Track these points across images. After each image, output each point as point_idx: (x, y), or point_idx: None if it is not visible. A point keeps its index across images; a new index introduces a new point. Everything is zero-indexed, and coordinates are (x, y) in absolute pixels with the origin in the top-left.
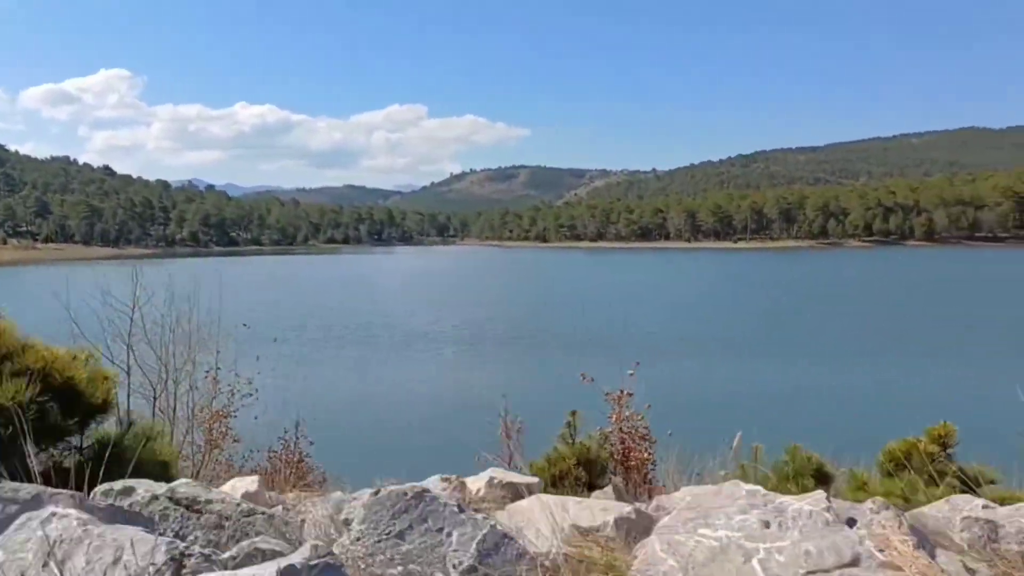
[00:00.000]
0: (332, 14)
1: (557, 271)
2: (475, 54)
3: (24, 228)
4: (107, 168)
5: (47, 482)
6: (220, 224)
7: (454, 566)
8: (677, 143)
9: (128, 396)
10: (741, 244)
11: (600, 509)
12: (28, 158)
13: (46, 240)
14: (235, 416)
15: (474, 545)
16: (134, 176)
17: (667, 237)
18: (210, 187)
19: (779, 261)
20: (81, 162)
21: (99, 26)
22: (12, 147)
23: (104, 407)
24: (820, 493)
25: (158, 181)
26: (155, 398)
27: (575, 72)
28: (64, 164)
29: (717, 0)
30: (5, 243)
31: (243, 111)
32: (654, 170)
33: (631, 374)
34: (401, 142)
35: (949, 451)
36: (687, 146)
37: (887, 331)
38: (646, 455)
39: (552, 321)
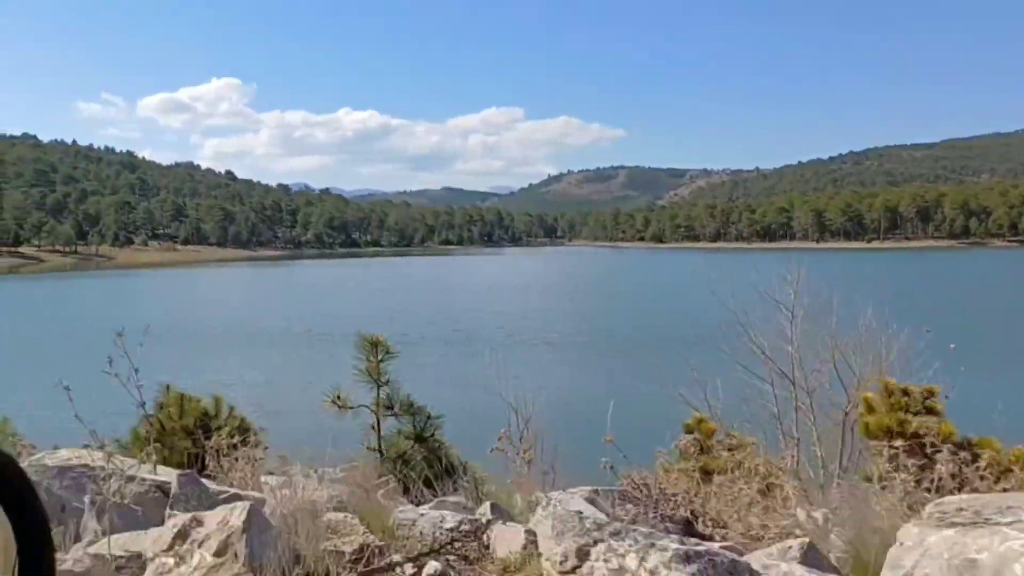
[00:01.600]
0: (433, 20)
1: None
2: (570, 56)
3: (161, 231)
4: (229, 173)
5: None
6: (342, 226)
7: None
8: (781, 141)
9: (798, 411)
10: (875, 244)
11: None
12: (156, 164)
13: (184, 242)
14: None
15: None
16: (252, 181)
17: (792, 237)
18: (324, 190)
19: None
20: (203, 168)
21: (211, 36)
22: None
23: None
24: None
25: (279, 185)
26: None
27: (672, 72)
28: (189, 169)
29: None
30: (147, 245)
31: (346, 117)
32: (757, 169)
33: None
34: (497, 145)
35: None
36: (792, 144)
37: None
38: None
39: None
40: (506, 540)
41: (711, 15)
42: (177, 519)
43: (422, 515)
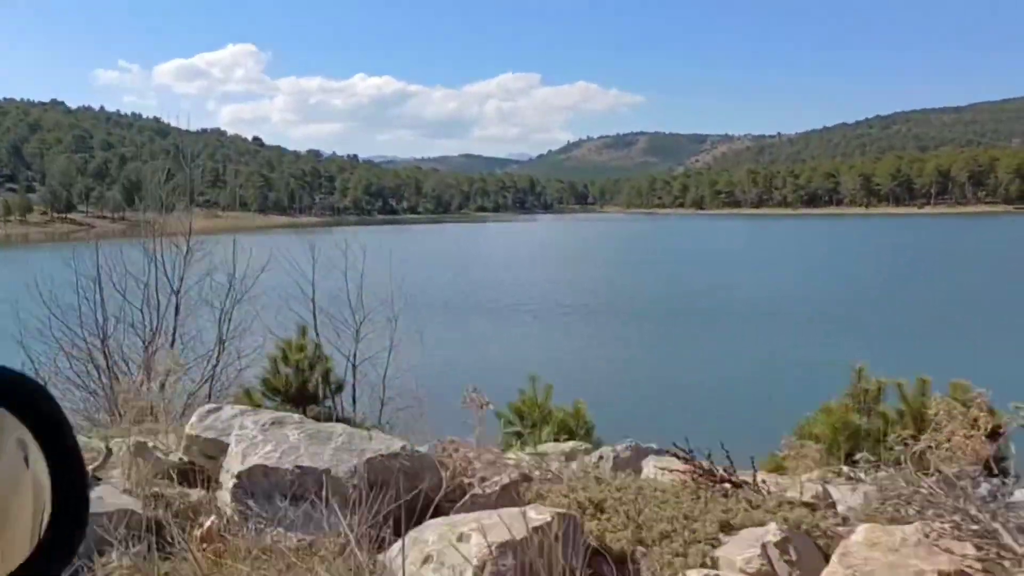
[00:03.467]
0: None
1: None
2: (588, 21)
3: (200, 197)
4: (257, 139)
5: None
6: (379, 193)
7: None
8: (802, 106)
9: None
10: (927, 209)
11: None
12: (184, 131)
13: (225, 209)
14: None
15: None
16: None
17: (838, 203)
18: (353, 156)
19: None
20: (229, 134)
21: (227, 1)
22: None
23: None
24: None
25: (309, 151)
26: None
27: (691, 37)
28: (217, 136)
29: None
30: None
31: (362, 83)
32: (779, 134)
33: None
34: (514, 111)
35: None
36: (814, 108)
37: None
38: None
39: None
40: None
41: None
42: None
43: None
